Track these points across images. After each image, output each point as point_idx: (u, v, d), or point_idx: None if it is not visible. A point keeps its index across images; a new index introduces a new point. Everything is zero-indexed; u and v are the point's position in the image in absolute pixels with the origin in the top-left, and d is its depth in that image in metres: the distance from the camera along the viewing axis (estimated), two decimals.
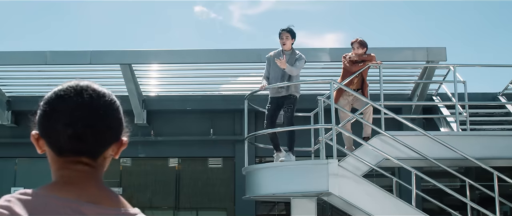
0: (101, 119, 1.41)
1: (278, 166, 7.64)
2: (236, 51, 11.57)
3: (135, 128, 13.45)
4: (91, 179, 1.42)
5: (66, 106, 1.40)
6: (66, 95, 1.42)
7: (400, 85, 13.11)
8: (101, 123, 1.41)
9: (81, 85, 1.44)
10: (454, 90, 8.59)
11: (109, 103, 1.45)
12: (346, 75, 8.67)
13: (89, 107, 1.40)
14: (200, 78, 13.38)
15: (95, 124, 1.40)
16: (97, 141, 1.42)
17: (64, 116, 1.39)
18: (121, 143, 1.49)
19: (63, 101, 1.41)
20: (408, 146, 7.56)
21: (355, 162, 7.55)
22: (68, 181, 1.40)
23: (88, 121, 1.39)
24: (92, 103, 1.41)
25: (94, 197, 1.37)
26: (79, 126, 1.37)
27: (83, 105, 1.40)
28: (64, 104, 1.40)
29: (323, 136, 7.57)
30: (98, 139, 1.41)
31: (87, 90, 1.43)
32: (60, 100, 1.42)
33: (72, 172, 1.41)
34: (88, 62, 11.14)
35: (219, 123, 13.77)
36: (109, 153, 1.48)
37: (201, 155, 13.98)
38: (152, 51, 11.74)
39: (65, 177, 1.41)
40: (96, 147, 1.43)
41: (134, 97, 12.57)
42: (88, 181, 1.41)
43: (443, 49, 10.97)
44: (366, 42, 8.82)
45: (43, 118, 1.44)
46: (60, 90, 1.44)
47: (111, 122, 1.44)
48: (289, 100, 8.14)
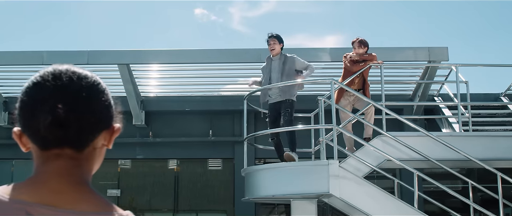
0: (84, 102, 1.27)
1: (278, 167, 7.60)
2: (235, 51, 11.53)
3: (133, 129, 13.49)
4: (70, 175, 1.27)
5: (44, 93, 1.26)
6: (44, 80, 1.28)
7: (401, 85, 13.08)
8: (84, 106, 1.27)
9: (60, 68, 1.30)
10: (456, 91, 8.56)
11: (93, 85, 1.31)
12: (347, 75, 8.65)
13: (70, 90, 1.26)
14: (199, 79, 13.33)
15: (77, 108, 1.25)
16: (82, 128, 1.27)
17: (43, 103, 1.25)
18: (113, 130, 1.35)
19: (40, 87, 1.27)
20: (410, 147, 7.52)
21: (356, 163, 7.51)
22: (36, 179, 1.27)
23: (69, 105, 1.24)
24: (72, 85, 1.27)
25: (61, 198, 1.23)
26: (60, 111, 1.23)
27: (63, 88, 1.26)
28: (41, 91, 1.27)
29: (324, 136, 7.54)
30: (83, 125, 1.26)
31: (66, 73, 1.29)
32: (37, 87, 1.28)
33: (47, 168, 1.28)
34: (85, 62, 11.09)
35: (219, 124, 13.73)
36: (100, 143, 1.34)
37: (200, 156, 13.93)
38: (151, 51, 11.72)
39: (36, 174, 1.29)
40: (82, 135, 1.28)
41: (132, 97, 12.54)
42: (62, 178, 1.26)
43: (445, 49, 10.94)
44: (367, 41, 8.82)
45: (21, 109, 1.29)
46: (36, 76, 1.31)
47: (96, 105, 1.29)
48: (285, 104, 8.14)
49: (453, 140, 7.70)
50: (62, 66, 1.31)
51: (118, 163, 14.15)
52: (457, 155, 7.62)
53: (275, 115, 8.32)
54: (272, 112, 8.34)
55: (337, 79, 8.18)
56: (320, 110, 7.76)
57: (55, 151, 1.28)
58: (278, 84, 8.08)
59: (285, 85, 8.04)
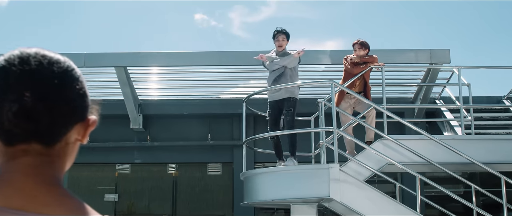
0: (55, 89, 1.10)
1: (277, 171, 7.53)
2: (234, 53, 11.44)
3: (131, 133, 13.46)
4: (39, 175, 1.11)
5: (9, 79, 1.09)
6: (9, 64, 1.10)
7: (402, 88, 12.99)
8: (56, 94, 1.10)
9: (28, 51, 1.13)
10: (459, 93, 8.49)
11: (66, 71, 1.14)
12: (348, 78, 8.58)
13: (39, 75, 1.10)
14: (198, 82, 13.25)
15: (47, 96, 1.09)
16: (54, 119, 1.10)
17: (7, 90, 1.08)
18: (88, 123, 1.20)
19: (5, 72, 1.10)
20: (412, 151, 7.44)
21: (357, 167, 7.44)
22: (1, 180, 1.10)
23: (38, 92, 1.08)
24: (42, 71, 1.10)
25: (31, 201, 1.07)
26: (27, 100, 1.07)
27: (31, 74, 1.10)
28: (6, 77, 1.09)
29: (324, 140, 7.46)
30: (54, 116, 1.10)
31: (35, 56, 1.12)
32: (1, 72, 1.11)
33: (13, 167, 1.11)
34: (82, 65, 11.01)
35: (217, 128, 13.65)
36: (73, 137, 1.17)
37: (198, 160, 13.84)
38: (148, 53, 11.62)
39: (1, 174, 1.12)
40: (53, 128, 1.11)
41: (129, 101, 12.46)
42: (31, 178, 1.10)
43: (446, 51, 10.87)
44: (368, 43, 8.76)
45: None
46: (0, 60, 1.13)
47: (69, 93, 1.12)
48: (289, 102, 8.01)
49: (456, 144, 7.64)
50: (30, 48, 1.14)
51: (116, 168, 14.05)
52: (460, 158, 7.56)
53: (276, 113, 8.21)
54: (274, 110, 8.22)
55: (337, 82, 8.09)
56: (320, 113, 7.69)
57: (22, 147, 1.12)
58: (289, 84, 7.98)
59: (290, 80, 7.98)
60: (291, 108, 7.99)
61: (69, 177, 13.89)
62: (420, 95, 12.33)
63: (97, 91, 13.19)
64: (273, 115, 8.21)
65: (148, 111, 13.30)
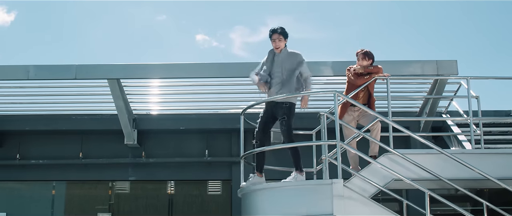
0: None
1: (277, 187, 7.20)
2: (234, 64, 11.22)
3: (125, 149, 13.25)
4: None
5: None
6: None
7: (407, 102, 12.78)
8: None
9: None
10: (468, 105, 8.21)
11: None
12: (351, 89, 8.32)
13: None
14: (195, 95, 13.01)
15: None
16: None
17: None
18: None
19: None
20: (420, 166, 7.17)
21: (361, 183, 7.14)
22: None
23: None
24: None
25: None
26: None
27: None
28: None
29: (326, 154, 7.16)
30: None
31: None
32: None
33: None
34: (73, 77, 10.79)
35: (215, 144, 13.45)
36: None
37: (195, 178, 13.61)
38: (142, 65, 11.37)
39: None
40: None
41: (123, 115, 12.24)
42: None
43: (454, 62, 10.65)
44: (372, 53, 8.51)
45: None
46: None
47: None
48: (282, 109, 7.57)
49: (466, 158, 7.35)
50: None
51: (109, 185, 13.84)
52: (470, 174, 7.31)
53: (267, 116, 7.80)
54: (266, 113, 7.81)
55: (340, 92, 7.81)
56: (322, 126, 7.39)
57: None
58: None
59: (287, 84, 7.63)
60: (284, 115, 7.55)
61: (61, 195, 13.67)
62: (426, 109, 12.12)
63: (89, 105, 13.00)
64: (264, 118, 7.81)
65: (143, 126, 13.08)
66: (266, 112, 7.82)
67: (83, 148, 13.41)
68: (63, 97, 12.78)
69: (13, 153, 13.42)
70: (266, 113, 7.81)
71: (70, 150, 13.43)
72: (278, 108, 7.63)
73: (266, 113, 7.82)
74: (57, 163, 13.31)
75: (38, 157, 13.39)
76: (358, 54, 8.51)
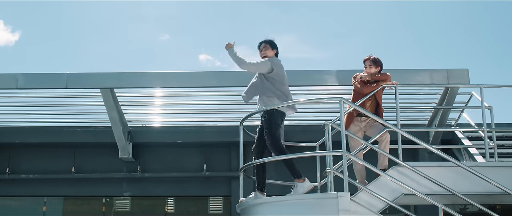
0: None
1: (279, 202, 6.93)
2: (235, 73, 10.93)
3: (120, 163, 13.00)
4: None
5: None
6: None
7: (415, 114, 12.56)
8: None
9: None
10: (482, 115, 7.92)
11: None
12: (357, 98, 8.05)
13: None
14: (193, 106, 12.77)
15: None
16: None
17: None
18: None
19: None
20: (432, 180, 6.89)
21: (368, 198, 6.84)
22: None
23: None
24: None
25: None
26: None
27: None
28: None
29: (331, 166, 6.88)
30: None
31: None
32: None
33: None
34: (64, 86, 10.55)
35: (214, 158, 13.19)
36: None
37: (193, 193, 13.34)
38: (137, 73, 11.09)
39: None
40: None
41: (117, 127, 11.99)
42: None
43: (465, 71, 10.36)
44: (380, 60, 8.25)
45: None
46: None
47: None
48: (263, 123, 7.44)
49: (480, 172, 7.06)
50: None
51: (103, 201, 13.61)
52: (485, 188, 7.07)
53: (259, 136, 7.64)
54: (259, 131, 7.66)
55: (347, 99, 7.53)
56: (327, 137, 7.09)
57: None
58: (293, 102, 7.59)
59: (261, 91, 7.57)
60: (265, 129, 7.33)
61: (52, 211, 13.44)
62: (435, 121, 11.87)
63: (82, 117, 12.81)
64: (258, 134, 7.66)
65: (138, 139, 12.83)
66: (259, 131, 7.65)
67: (76, 162, 13.19)
68: (55, 108, 12.54)
69: (2, 167, 13.16)
70: (259, 131, 7.64)
71: (62, 164, 13.18)
72: (262, 121, 7.49)
73: (259, 131, 7.65)
74: (48, 178, 13.05)
75: (28, 172, 13.12)
76: (365, 61, 8.27)
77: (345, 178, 6.59)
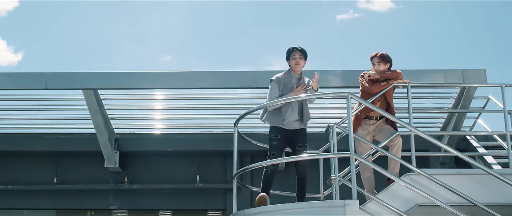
0: None
1: (279, 211, 6.54)
2: (234, 73, 10.79)
3: (106, 173, 12.78)
4: None
5: None
6: None
7: (427, 121, 12.32)
8: None
9: None
10: (504, 117, 7.56)
11: None
12: (366, 99, 7.56)
13: None
14: (185, 112, 12.60)
15: None
16: None
17: None
18: None
19: None
20: (451, 188, 6.49)
21: (378, 208, 6.42)
22: None
23: None
24: None
25: None
26: None
27: None
28: None
29: (336, 173, 6.45)
30: None
31: None
32: None
33: None
34: (44, 87, 10.27)
35: (207, 168, 12.96)
36: None
37: (185, 207, 13.08)
38: (123, 73, 10.71)
39: None
40: None
41: (103, 134, 11.75)
42: None
43: (482, 72, 10.04)
44: (390, 56, 7.82)
45: None
46: None
47: None
48: (304, 137, 7.59)
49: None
50: None
51: (88, 215, 13.35)
52: (506, 199, 6.75)
53: (284, 140, 7.56)
54: (283, 137, 7.55)
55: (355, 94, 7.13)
56: (331, 142, 6.65)
57: None
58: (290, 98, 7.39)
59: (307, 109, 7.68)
60: (306, 143, 7.59)
61: None
62: (448, 128, 11.56)
63: (64, 122, 12.58)
64: (282, 141, 7.54)
65: (126, 147, 12.63)
66: (281, 135, 7.67)
67: (58, 172, 12.97)
68: (35, 113, 12.33)
69: None
70: (282, 137, 7.66)
71: (43, 174, 12.98)
72: (299, 134, 7.68)
73: (281, 136, 7.67)
74: (28, 189, 12.83)
75: (6, 182, 12.86)
76: (373, 58, 7.87)
77: (354, 183, 6.18)
